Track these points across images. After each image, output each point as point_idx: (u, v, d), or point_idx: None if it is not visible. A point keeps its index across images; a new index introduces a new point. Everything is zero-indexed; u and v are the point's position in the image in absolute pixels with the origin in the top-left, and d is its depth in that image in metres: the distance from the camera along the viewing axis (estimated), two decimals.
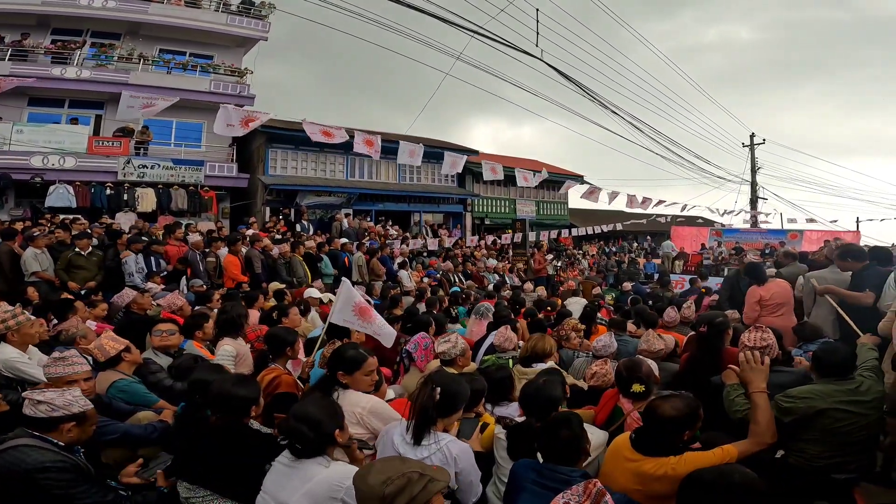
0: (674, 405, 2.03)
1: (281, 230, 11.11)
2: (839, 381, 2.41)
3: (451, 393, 2.14)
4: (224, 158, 13.87)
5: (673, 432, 2.00)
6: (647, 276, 14.59)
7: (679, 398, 2.11)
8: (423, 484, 1.39)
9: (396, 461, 1.48)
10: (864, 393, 2.36)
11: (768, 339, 2.82)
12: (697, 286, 9.22)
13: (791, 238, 15.79)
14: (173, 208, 12.16)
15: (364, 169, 16.24)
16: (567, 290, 10.64)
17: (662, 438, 2.01)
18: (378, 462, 1.52)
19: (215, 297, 5.49)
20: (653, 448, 2.01)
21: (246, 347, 3.43)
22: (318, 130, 6.64)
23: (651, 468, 1.95)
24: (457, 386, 2.22)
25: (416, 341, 3.81)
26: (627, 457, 2.06)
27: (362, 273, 9.39)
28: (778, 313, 4.65)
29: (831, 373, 2.46)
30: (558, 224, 19.42)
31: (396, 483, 1.36)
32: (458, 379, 2.33)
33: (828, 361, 2.49)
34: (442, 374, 2.34)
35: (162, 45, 14.05)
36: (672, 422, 1.99)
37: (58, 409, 1.96)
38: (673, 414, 2.00)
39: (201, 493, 1.96)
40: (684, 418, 2.01)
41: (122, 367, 3.00)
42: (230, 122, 5.74)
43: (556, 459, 1.91)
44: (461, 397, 2.21)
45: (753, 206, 20.76)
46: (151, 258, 6.86)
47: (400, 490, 1.35)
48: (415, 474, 1.40)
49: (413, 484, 1.37)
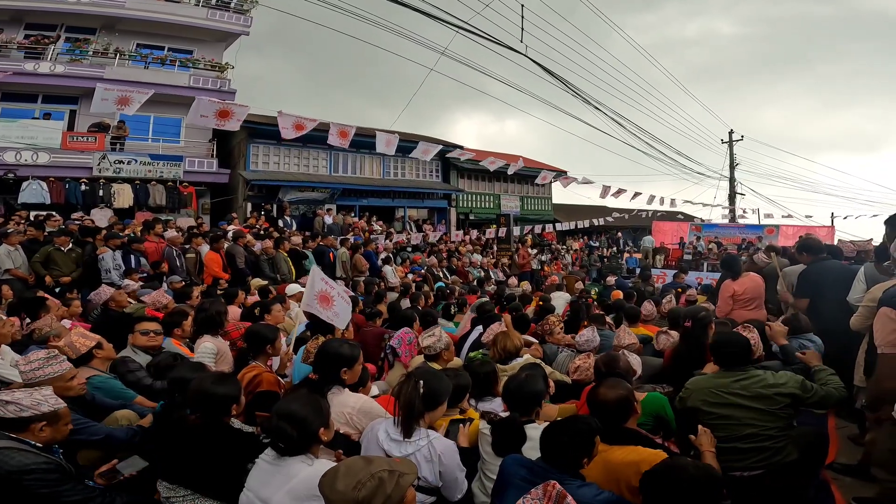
0: (608, 387, 2.11)
1: (263, 226, 10.98)
2: (730, 373, 2.40)
3: (434, 387, 2.15)
4: (204, 154, 13.69)
5: (617, 415, 2.06)
6: (630, 270, 14.80)
7: (612, 381, 2.20)
8: (395, 481, 1.36)
9: (360, 462, 1.44)
10: (747, 388, 2.32)
11: (753, 338, 2.89)
12: (680, 280, 9.41)
13: (768, 233, 16.17)
14: (151, 204, 11.97)
15: (348, 164, 16.14)
16: (551, 284, 10.75)
17: (611, 423, 2.05)
18: (341, 466, 1.44)
19: (195, 293, 5.41)
20: (612, 436, 2.03)
21: (226, 345, 3.38)
22: (290, 123, 6.58)
23: (619, 455, 1.97)
24: (439, 380, 2.22)
25: (400, 336, 3.81)
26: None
27: (346, 269, 9.34)
28: (750, 307, 4.74)
29: (724, 362, 2.46)
30: (542, 219, 19.54)
31: (369, 486, 1.33)
32: (440, 374, 2.33)
33: (723, 351, 2.49)
34: (424, 369, 2.34)
35: (140, 40, 13.79)
36: (612, 404, 2.05)
37: (26, 409, 1.93)
38: (610, 396, 2.06)
39: (182, 493, 1.94)
40: (621, 400, 2.07)
41: (95, 364, 2.95)
42: (204, 113, 5.68)
43: (557, 464, 1.85)
44: (444, 391, 2.21)
45: (732, 201, 21.19)
46: (131, 256, 6.73)
47: (374, 492, 1.32)
48: (384, 472, 1.36)
49: (385, 483, 1.34)
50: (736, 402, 2.30)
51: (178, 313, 3.90)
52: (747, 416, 2.29)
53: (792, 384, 2.32)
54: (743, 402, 2.30)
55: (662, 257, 15.17)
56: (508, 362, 3.32)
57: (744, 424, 2.29)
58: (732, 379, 2.37)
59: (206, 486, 1.94)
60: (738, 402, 2.30)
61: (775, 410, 2.30)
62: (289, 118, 6.62)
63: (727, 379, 2.39)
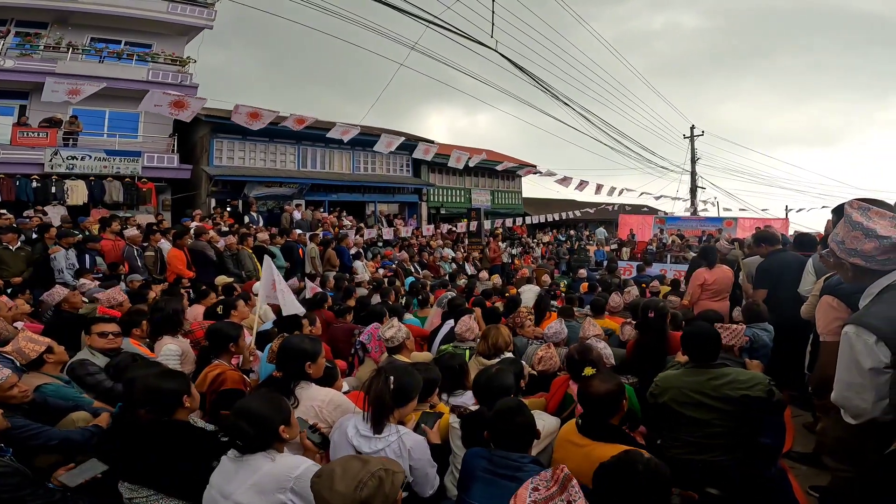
0: (602, 380, 2.12)
1: (228, 222, 10.69)
2: (701, 370, 2.41)
3: (405, 382, 2.14)
4: (164, 149, 13.32)
5: (607, 409, 2.08)
6: (597, 263, 15.13)
7: (605, 375, 2.22)
8: (391, 480, 1.37)
9: (355, 462, 1.44)
10: (717, 389, 2.32)
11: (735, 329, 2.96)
12: (643, 273, 9.69)
13: (727, 225, 16.81)
14: (107, 201, 11.52)
15: (317, 159, 15.90)
16: (521, 277, 10.86)
17: (600, 417, 2.08)
18: (335, 467, 1.43)
19: (152, 293, 5.22)
20: (598, 431, 2.06)
21: (188, 344, 3.27)
22: (245, 113, 6.50)
23: (604, 452, 1.94)
24: (409, 375, 2.22)
25: (370, 332, 3.77)
26: (576, 442, 2.10)
27: (315, 265, 9.20)
28: (717, 298, 4.89)
29: (695, 356, 2.47)
30: (513, 213, 19.74)
31: (370, 485, 1.33)
32: (410, 369, 2.32)
33: (694, 344, 2.49)
34: (394, 364, 2.33)
35: (94, 34, 13.27)
36: (605, 397, 2.07)
37: None
38: (604, 389, 2.07)
39: (145, 493, 1.90)
40: (614, 393, 2.09)
41: (47, 369, 2.80)
42: (157, 102, 5.65)
43: (508, 446, 1.92)
44: (415, 387, 2.21)
45: (693, 195, 21.91)
46: (86, 255, 6.44)
47: (375, 491, 1.33)
48: (382, 472, 1.37)
49: (384, 482, 1.36)
50: (705, 403, 2.31)
51: (137, 312, 3.76)
52: (714, 417, 2.32)
53: (759, 388, 2.32)
54: (711, 402, 2.32)
55: (629, 249, 15.56)
56: (495, 357, 3.29)
57: (711, 425, 2.32)
58: (704, 378, 2.36)
59: (168, 486, 1.90)
60: (706, 403, 2.31)
61: (740, 412, 2.33)
62: (244, 109, 6.54)
63: (698, 377, 2.38)
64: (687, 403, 2.37)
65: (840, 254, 1.75)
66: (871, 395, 1.59)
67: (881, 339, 1.57)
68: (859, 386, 1.62)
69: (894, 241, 1.61)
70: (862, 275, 1.73)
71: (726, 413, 2.32)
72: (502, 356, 3.30)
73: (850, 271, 1.76)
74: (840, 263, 1.78)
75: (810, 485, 2.71)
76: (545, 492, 1.32)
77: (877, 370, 1.57)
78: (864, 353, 1.59)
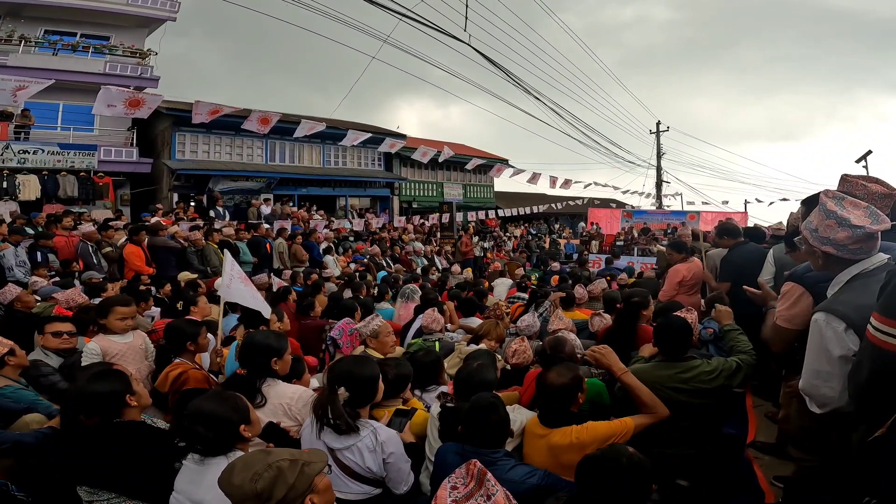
0: (559, 373, 2.13)
1: (191, 216, 10.35)
2: (671, 364, 2.42)
3: (359, 386, 2.03)
4: (122, 143, 12.86)
5: (564, 400, 2.10)
6: (567, 256, 15.39)
7: (564, 367, 2.21)
8: (297, 470, 1.30)
9: (259, 454, 1.37)
10: (688, 381, 2.34)
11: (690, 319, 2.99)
12: (612, 265, 9.90)
13: (690, 219, 17.34)
14: (61, 196, 11.03)
15: (285, 153, 15.56)
16: (494, 271, 10.94)
17: (558, 408, 2.10)
18: (237, 460, 1.37)
19: (110, 289, 5.00)
20: (554, 419, 2.09)
21: (122, 345, 3.08)
22: (206, 112, 6.31)
23: (558, 439, 2.02)
24: (360, 373, 2.08)
25: (341, 327, 3.72)
26: (538, 433, 2.11)
27: (284, 259, 9.01)
28: (691, 292, 4.91)
29: (666, 349, 2.49)
30: (484, 206, 19.84)
31: (266, 476, 1.26)
32: (359, 365, 2.15)
33: (665, 336, 2.50)
34: (340, 369, 2.15)
35: (48, 27, 12.77)
36: (561, 390, 2.08)
37: None
38: (560, 382, 2.09)
39: (105, 496, 1.81)
40: (570, 385, 2.11)
41: (7, 372, 2.66)
42: (111, 102, 5.46)
43: (481, 442, 1.90)
44: (370, 381, 2.10)
45: (658, 189, 22.52)
46: (38, 252, 6.14)
47: (273, 482, 1.26)
48: (284, 462, 1.30)
49: (286, 473, 1.28)
50: (675, 399, 2.32)
51: (89, 309, 3.60)
52: (685, 410, 2.33)
53: (725, 373, 2.37)
54: (681, 397, 2.33)
55: (598, 243, 15.88)
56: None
57: (681, 418, 2.33)
58: (674, 371, 2.38)
59: (128, 488, 1.82)
60: (676, 399, 2.32)
61: (712, 404, 2.37)
62: (205, 106, 6.36)
63: (669, 371, 2.39)
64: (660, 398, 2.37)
65: (812, 241, 1.76)
66: (839, 384, 1.60)
67: (850, 326, 1.57)
68: (827, 374, 1.62)
69: (867, 230, 1.62)
70: (832, 263, 1.74)
71: (696, 406, 2.35)
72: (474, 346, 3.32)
73: (821, 259, 1.77)
74: (812, 251, 1.80)
75: (775, 475, 2.73)
76: (464, 489, 1.31)
77: (846, 358, 1.57)
78: (833, 340, 1.60)
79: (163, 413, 2.72)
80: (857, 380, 1.47)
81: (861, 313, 1.55)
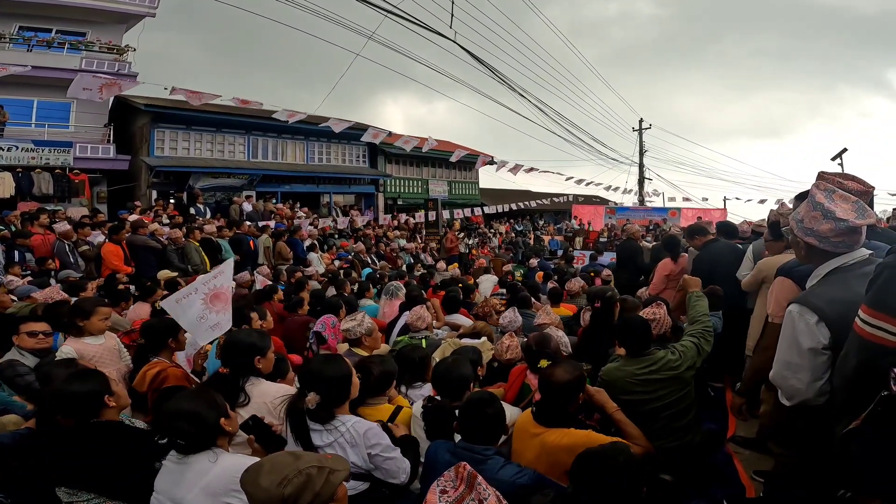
0: (565, 369, 2.13)
1: (171, 214, 10.17)
2: (636, 360, 2.47)
3: (328, 389, 1.97)
4: (98, 139, 12.59)
5: (567, 398, 2.10)
6: (552, 252, 15.50)
7: (568, 364, 2.22)
8: (324, 477, 1.30)
9: (287, 457, 1.36)
10: (656, 372, 2.38)
11: (658, 314, 3.04)
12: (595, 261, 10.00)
13: (671, 215, 17.67)
14: (36, 193, 10.73)
15: (268, 149, 15.37)
16: (479, 267, 10.96)
17: (559, 405, 2.09)
18: (265, 461, 1.36)
19: (89, 287, 4.89)
20: (553, 418, 2.07)
21: (97, 347, 3.02)
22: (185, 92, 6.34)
23: (554, 439, 2.00)
24: (331, 374, 1.99)
25: (324, 321, 3.70)
26: (532, 431, 2.09)
27: (269, 256, 8.92)
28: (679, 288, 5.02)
29: (627, 347, 2.53)
30: (470, 203, 19.86)
31: (295, 482, 1.26)
32: (330, 366, 2.05)
33: (624, 335, 2.54)
34: (310, 367, 2.11)
35: (23, 23, 12.46)
36: (566, 386, 2.08)
37: None
38: (566, 378, 2.08)
39: (85, 497, 1.78)
40: (575, 382, 2.11)
41: None
42: (87, 86, 5.50)
43: (477, 438, 1.89)
44: (341, 380, 2.02)
45: (641, 186, 22.81)
46: (14, 251, 6.01)
47: (302, 488, 1.26)
48: (313, 469, 1.30)
49: (314, 480, 1.28)
50: (647, 390, 2.36)
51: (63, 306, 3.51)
52: (659, 404, 2.37)
53: (688, 354, 2.44)
54: (654, 388, 2.37)
55: (582, 239, 16.04)
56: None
57: (658, 410, 2.38)
58: (639, 366, 2.43)
59: (108, 488, 1.79)
60: (648, 391, 2.36)
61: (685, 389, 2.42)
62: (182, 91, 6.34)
63: (634, 367, 2.44)
64: (634, 392, 2.42)
65: (797, 232, 1.76)
66: (807, 376, 1.61)
67: (822, 319, 1.57)
68: (796, 366, 1.63)
69: (850, 224, 1.60)
70: (814, 255, 1.74)
71: (668, 396, 2.39)
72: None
73: (803, 250, 1.78)
74: (796, 241, 1.80)
75: (755, 469, 2.76)
76: (454, 493, 1.29)
77: (815, 351, 1.58)
78: (804, 332, 1.60)
79: (142, 414, 2.68)
80: (843, 372, 1.46)
81: (834, 307, 1.56)
